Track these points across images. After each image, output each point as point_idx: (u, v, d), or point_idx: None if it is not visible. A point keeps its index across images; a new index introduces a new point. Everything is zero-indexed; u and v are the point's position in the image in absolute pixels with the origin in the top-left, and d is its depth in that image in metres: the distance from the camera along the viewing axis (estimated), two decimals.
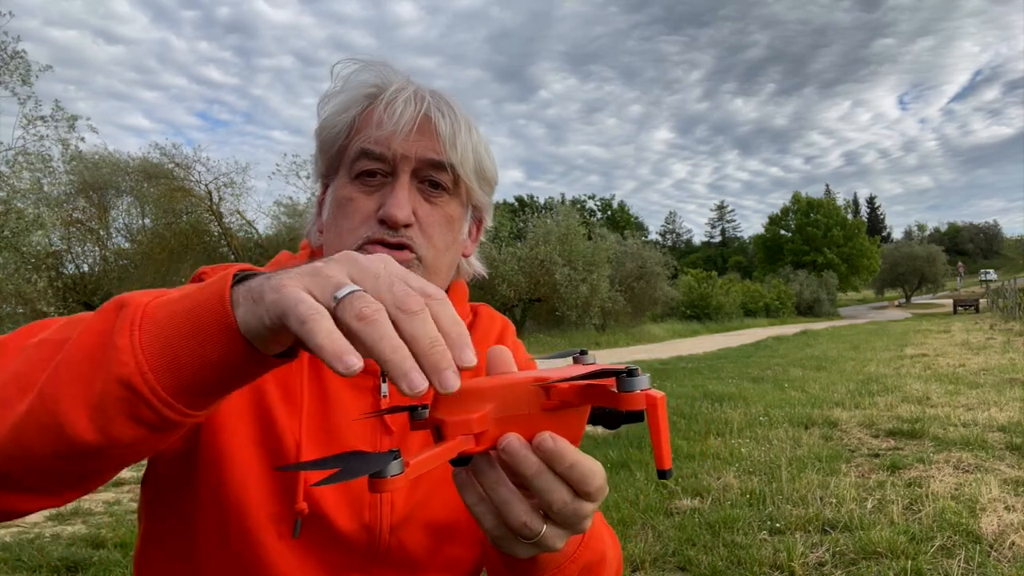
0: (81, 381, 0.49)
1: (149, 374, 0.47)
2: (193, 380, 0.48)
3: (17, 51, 12.74)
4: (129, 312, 0.49)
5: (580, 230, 23.22)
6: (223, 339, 0.47)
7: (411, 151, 0.79)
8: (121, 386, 0.47)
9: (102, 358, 0.48)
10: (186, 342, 0.47)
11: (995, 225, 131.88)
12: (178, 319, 0.48)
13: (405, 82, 0.82)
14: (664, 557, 3.63)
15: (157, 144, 19.67)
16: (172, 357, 0.47)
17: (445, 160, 0.80)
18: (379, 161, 0.79)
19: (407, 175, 0.80)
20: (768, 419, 7.16)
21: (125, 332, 0.48)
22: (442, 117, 0.80)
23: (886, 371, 11.20)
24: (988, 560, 3.38)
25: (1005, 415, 6.74)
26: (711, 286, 33.42)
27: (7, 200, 12.68)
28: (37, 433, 0.49)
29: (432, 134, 0.80)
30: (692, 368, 12.11)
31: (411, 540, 0.79)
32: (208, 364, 0.48)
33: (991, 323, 23.49)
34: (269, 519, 0.74)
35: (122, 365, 0.47)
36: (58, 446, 0.49)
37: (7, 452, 0.50)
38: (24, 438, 0.50)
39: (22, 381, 0.52)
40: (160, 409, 0.48)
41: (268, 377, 0.76)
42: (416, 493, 0.80)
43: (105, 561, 3.60)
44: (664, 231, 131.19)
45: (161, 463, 0.78)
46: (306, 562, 0.75)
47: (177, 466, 0.76)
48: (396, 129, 0.78)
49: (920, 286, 68.63)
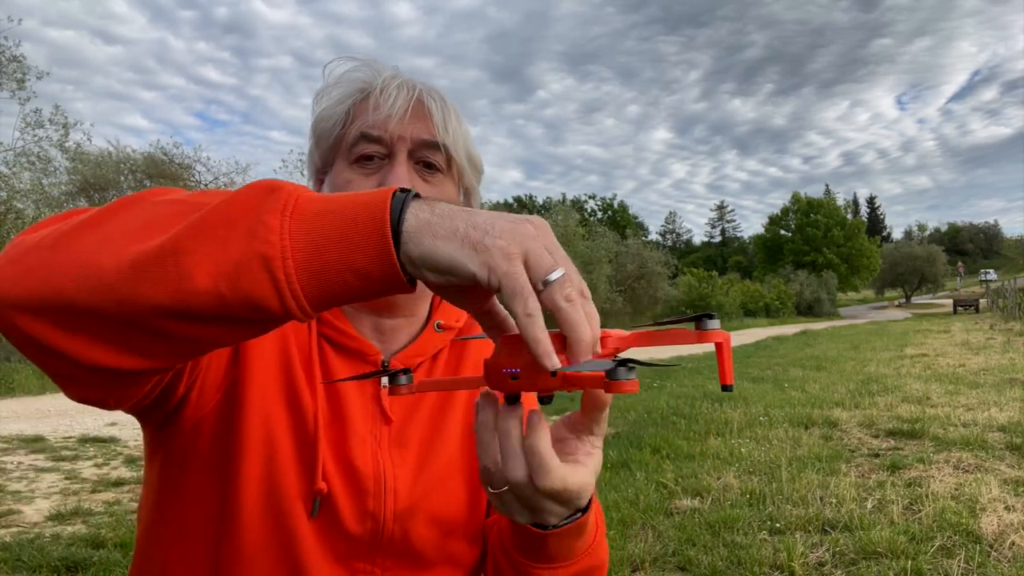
0: (219, 243, 0.48)
1: (290, 260, 0.48)
2: (329, 282, 0.48)
3: (16, 55, 12.77)
4: (283, 196, 0.50)
5: (579, 230, 23.24)
6: (376, 248, 0.48)
7: (407, 132, 0.82)
8: (260, 263, 0.47)
9: (247, 231, 0.48)
10: (336, 242, 0.48)
11: (995, 225, 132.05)
12: (334, 216, 0.49)
13: (395, 72, 0.86)
14: (664, 557, 3.63)
15: (159, 144, 19.69)
16: (317, 252, 0.48)
17: (439, 140, 0.83)
18: (377, 143, 0.82)
19: (404, 155, 0.83)
20: (768, 419, 7.16)
21: (276, 213, 0.48)
22: (434, 102, 0.85)
23: (886, 371, 11.21)
24: (988, 560, 3.38)
25: (1005, 415, 6.74)
26: (712, 286, 33.44)
27: (7, 200, 12.69)
28: (155, 274, 0.49)
29: (426, 117, 0.84)
30: (692, 368, 12.11)
31: (415, 532, 0.81)
32: (349, 268, 0.48)
33: (991, 323, 23.50)
34: (298, 497, 0.77)
35: (268, 245, 0.48)
36: (166, 294, 0.48)
37: (116, 285, 0.50)
38: (140, 276, 0.49)
39: (152, 227, 0.51)
40: (286, 298, 0.48)
41: (296, 361, 0.80)
42: (420, 484, 0.82)
43: (105, 561, 3.59)
44: (664, 231, 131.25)
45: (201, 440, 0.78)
46: (322, 544, 0.77)
47: (217, 440, 0.77)
48: (391, 113, 0.81)
49: (920, 286, 68.69)
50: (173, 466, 0.79)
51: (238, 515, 0.75)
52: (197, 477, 0.78)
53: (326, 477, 0.77)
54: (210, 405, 0.77)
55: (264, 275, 0.47)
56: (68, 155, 15.07)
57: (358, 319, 0.87)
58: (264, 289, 0.48)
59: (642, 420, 7.41)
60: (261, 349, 0.79)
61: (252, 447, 0.76)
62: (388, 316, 0.87)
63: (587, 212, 58.74)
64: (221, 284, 0.48)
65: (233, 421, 0.76)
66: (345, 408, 0.81)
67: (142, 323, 0.50)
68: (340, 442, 0.80)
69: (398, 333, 0.88)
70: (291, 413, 0.78)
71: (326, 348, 0.83)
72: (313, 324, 0.83)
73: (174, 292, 0.48)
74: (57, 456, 6.06)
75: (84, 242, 0.52)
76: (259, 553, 0.76)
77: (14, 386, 10.23)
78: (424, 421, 0.86)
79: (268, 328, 0.53)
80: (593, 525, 0.73)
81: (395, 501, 0.80)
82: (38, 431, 7.16)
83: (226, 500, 0.76)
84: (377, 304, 0.86)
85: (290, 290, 0.48)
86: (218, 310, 0.49)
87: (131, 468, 5.68)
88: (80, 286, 0.50)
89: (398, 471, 0.81)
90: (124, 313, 0.50)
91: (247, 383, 0.77)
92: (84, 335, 0.52)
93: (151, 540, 0.82)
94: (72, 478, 5.37)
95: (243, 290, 0.48)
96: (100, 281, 0.50)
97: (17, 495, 4.91)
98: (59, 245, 0.53)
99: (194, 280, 0.48)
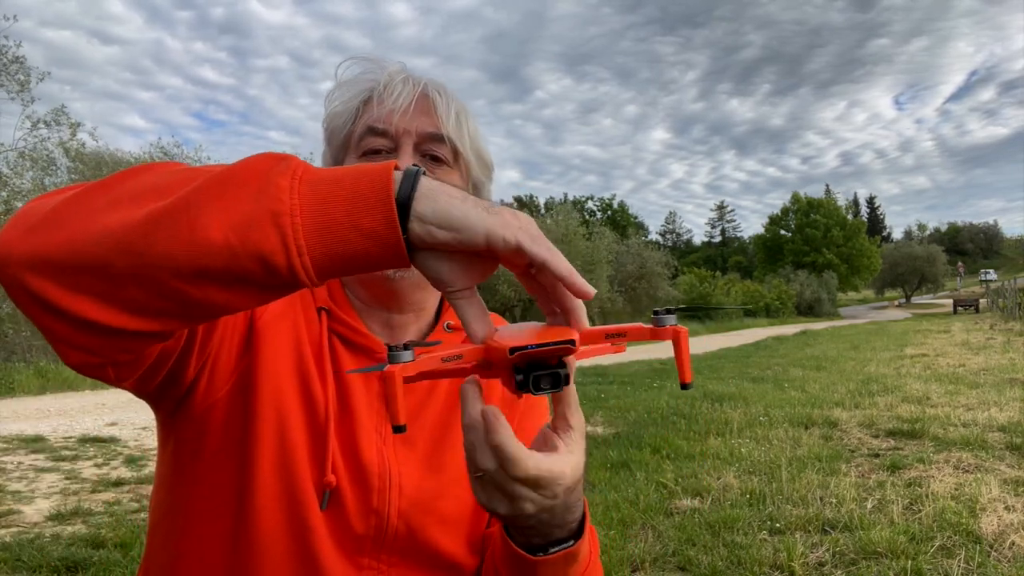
0: (231, 199, 0.50)
1: (298, 217, 0.49)
2: (333, 240, 0.50)
3: (18, 56, 12.78)
4: (293, 162, 0.52)
5: (579, 230, 23.24)
6: (381, 211, 0.50)
7: (412, 126, 0.84)
8: (270, 219, 0.49)
9: (258, 189, 0.50)
10: (344, 201, 0.50)
11: (995, 225, 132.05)
12: (341, 181, 0.51)
13: (402, 68, 0.88)
14: (664, 557, 3.63)
15: (160, 144, 19.64)
16: (324, 209, 0.50)
17: (444, 133, 0.85)
18: (383, 137, 0.84)
19: (409, 148, 0.84)
20: (768, 419, 7.16)
21: (287, 175, 0.51)
22: (439, 96, 0.86)
23: (886, 371, 11.21)
24: (988, 560, 3.38)
25: (1005, 415, 6.74)
26: (712, 286, 33.43)
27: (8, 200, 12.69)
28: (168, 228, 0.50)
29: (431, 111, 0.85)
30: (692, 368, 12.07)
31: (420, 530, 0.81)
32: (354, 226, 0.50)
33: (991, 323, 23.49)
34: (311, 487, 0.77)
35: (279, 202, 0.50)
36: (179, 246, 0.50)
37: (128, 238, 0.51)
38: (153, 229, 0.50)
39: (163, 189, 0.53)
40: (292, 253, 0.50)
41: (309, 354, 0.82)
42: (428, 484, 0.83)
43: (105, 561, 3.59)
44: (664, 231, 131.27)
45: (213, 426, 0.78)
46: (333, 536, 0.78)
47: (230, 426, 0.78)
48: (396, 107, 0.84)
49: (920, 286, 68.69)
50: (185, 452, 0.80)
51: (253, 501, 0.76)
52: (209, 463, 0.78)
53: (335, 470, 0.78)
54: (222, 391, 0.78)
55: (273, 229, 0.49)
56: (71, 155, 15.07)
57: (368, 315, 0.88)
58: (272, 243, 0.49)
59: (642, 420, 7.41)
60: (274, 340, 0.80)
61: (267, 435, 0.77)
62: (397, 312, 0.88)
63: (587, 212, 58.70)
64: (231, 237, 0.49)
65: (248, 408, 0.77)
66: (353, 404, 0.82)
67: (151, 278, 0.51)
68: (348, 437, 0.80)
69: (407, 330, 0.90)
70: (304, 404, 0.79)
71: (336, 343, 0.85)
72: (324, 319, 0.84)
73: (186, 244, 0.49)
74: (57, 456, 6.06)
75: (96, 201, 0.54)
76: (274, 542, 0.76)
77: (14, 386, 10.22)
78: (432, 421, 0.86)
79: (274, 294, 0.54)
80: (586, 554, 0.73)
81: (400, 498, 0.80)
82: (38, 431, 7.15)
83: (243, 487, 0.76)
84: (386, 299, 0.87)
85: (296, 246, 0.49)
86: (227, 264, 0.50)
87: (131, 468, 5.68)
88: (90, 240, 0.51)
89: (403, 468, 0.82)
90: (135, 266, 0.51)
91: (260, 372, 0.78)
92: (89, 293, 0.52)
93: (163, 527, 0.82)
94: (72, 478, 5.37)
95: (252, 243, 0.49)
96: (111, 235, 0.51)
97: (17, 495, 4.91)
98: (71, 204, 0.54)
99: (207, 231, 0.49)
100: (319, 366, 0.82)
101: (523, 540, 0.69)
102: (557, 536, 0.68)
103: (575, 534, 0.69)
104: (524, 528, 0.67)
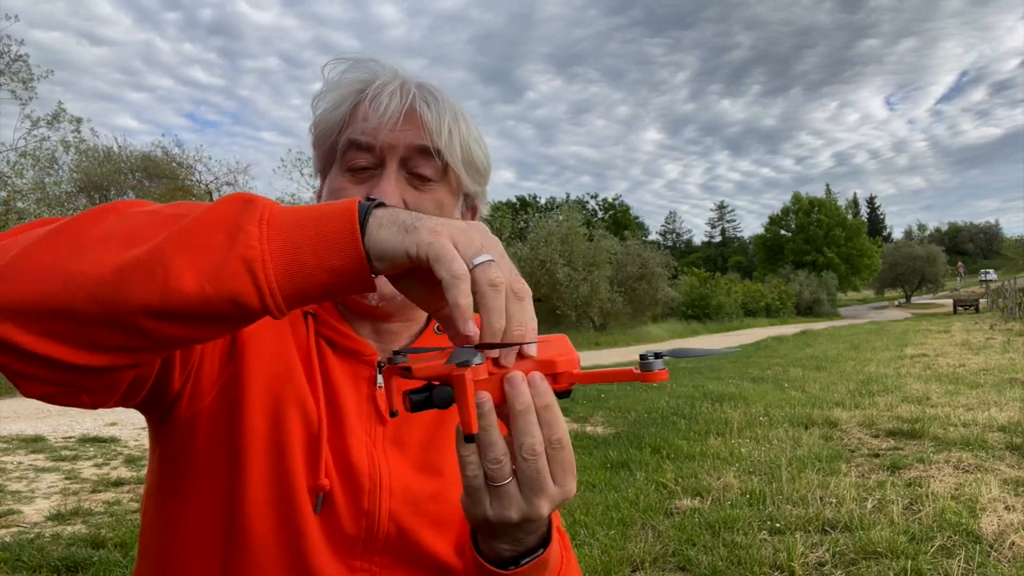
0: (202, 248, 0.52)
1: (269, 263, 0.52)
2: (303, 280, 0.53)
3: (20, 55, 12.79)
4: (258, 206, 0.55)
5: (581, 231, 23.22)
6: (347, 249, 0.53)
7: (398, 141, 0.81)
8: (242, 265, 0.52)
9: (228, 237, 0.53)
10: (310, 245, 0.53)
11: (995, 225, 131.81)
12: (306, 225, 0.54)
13: (392, 76, 0.84)
14: (664, 557, 3.63)
15: (160, 143, 19.67)
16: (293, 255, 0.53)
17: (431, 146, 0.81)
18: (367, 152, 0.82)
19: (394, 164, 0.82)
20: (768, 419, 7.16)
21: (255, 221, 0.53)
22: (427, 107, 0.82)
23: (886, 371, 11.20)
24: (988, 560, 3.38)
25: (1005, 415, 6.74)
26: (713, 286, 33.40)
27: (8, 200, 12.69)
28: (142, 278, 0.52)
29: (418, 124, 0.81)
30: (692, 368, 12.10)
31: (411, 532, 0.81)
32: (325, 268, 0.53)
33: (991, 323, 23.49)
34: (305, 492, 0.77)
35: (249, 248, 0.52)
36: (153, 296, 0.52)
37: (100, 289, 0.52)
38: (126, 280, 0.52)
39: (132, 237, 0.54)
40: (265, 295, 0.53)
41: (295, 353, 0.82)
42: (418, 486, 0.82)
43: (105, 561, 3.59)
44: (664, 231, 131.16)
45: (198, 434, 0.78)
46: (326, 539, 0.78)
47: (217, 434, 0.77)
48: (382, 121, 0.80)
49: (920, 286, 68.64)
50: (171, 460, 0.80)
51: (244, 507, 0.75)
52: (197, 471, 0.78)
53: (328, 474, 0.78)
54: (206, 400, 0.77)
55: (246, 276, 0.52)
56: (74, 151, 15.07)
57: (357, 323, 0.87)
58: (246, 288, 0.52)
59: (642, 420, 7.41)
60: (259, 346, 0.80)
61: (258, 441, 0.76)
62: (384, 322, 0.88)
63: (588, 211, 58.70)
64: (206, 286, 0.52)
65: (234, 415, 0.77)
66: (342, 407, 0.81)
67: (122, 322, 0.53)
68: (338, 439, 0.80)
69: (397, 335, 0.89)
70: (295, 409, 0.79)
71: (324, 348, 0.84)
72: (311, 324, 0.83)
73: (161, 294, 0.52)
74: (57, 456, 6.06)
75: (61, 248, 0.54)
76: (266, 546, 0.76)
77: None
78: (423, 423, 0.86)
79: (239, 326, 0.57)
80: (557, 560, 0.72)
81: (390, 499, 0.80)
82: (38, 431, 7.15)
83: (233, 492, 0.76)
84: (373, 311, 0.86)
85: (268, 288, 0.53)
86: (201, 308, 0.53)
87: (131, 468, 5.68)
88: (58, 288, 0.52)
89: (393, 470, 0.81)
90: (106, 312, 0.52)
91: (247, 379, 0.77)
92: (55, 336, 0.53)
93: (154, 534, 0.82)
94: (72, 478, 5.37)
95: (226, 290, 0.52)
96: (82, 283, 0.52)
97: (17, 495, 4.91)
98: (35, 250, 0.55)
99: (179, 281, 0.52)
100: (307, 370, 0.81)
101: (493, 554, 0.68)
102: (528, 544, 0.67)
103: (544, 540, 0.68)
104: (501, 535, 0.66)
